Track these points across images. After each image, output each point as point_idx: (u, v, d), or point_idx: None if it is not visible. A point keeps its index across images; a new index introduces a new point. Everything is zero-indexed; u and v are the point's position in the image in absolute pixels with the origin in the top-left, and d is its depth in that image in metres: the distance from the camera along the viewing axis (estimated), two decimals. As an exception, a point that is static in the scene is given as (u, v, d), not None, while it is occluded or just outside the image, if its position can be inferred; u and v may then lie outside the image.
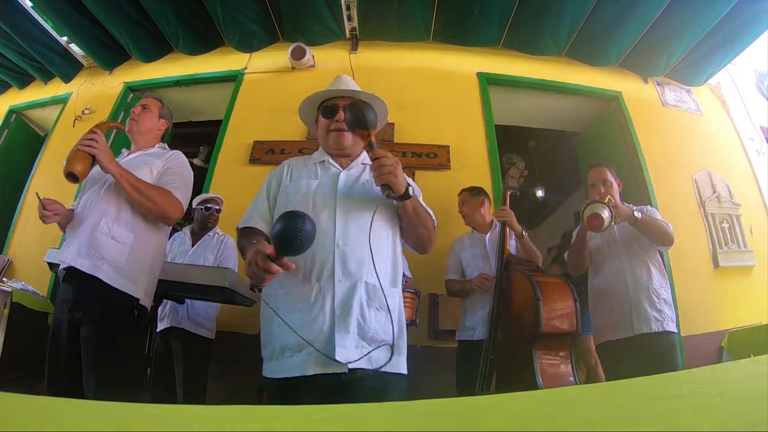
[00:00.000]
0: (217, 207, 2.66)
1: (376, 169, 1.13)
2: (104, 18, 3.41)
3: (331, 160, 1.37)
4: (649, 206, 2.22)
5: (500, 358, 1.89)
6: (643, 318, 2.01)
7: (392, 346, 1.16)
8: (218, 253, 2.51)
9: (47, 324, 2.91)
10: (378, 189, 1.19)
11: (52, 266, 2.21)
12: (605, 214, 1.96)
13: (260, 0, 3.26)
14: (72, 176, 1.51)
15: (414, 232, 1.28)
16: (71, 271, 1.52)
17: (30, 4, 3.47)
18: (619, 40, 3.41)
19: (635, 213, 2.06)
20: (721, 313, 3.00)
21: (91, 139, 1.51)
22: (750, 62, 4.09)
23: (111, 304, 1.50)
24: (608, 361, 2.17)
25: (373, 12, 3.40)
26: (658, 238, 2.09)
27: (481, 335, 2.13)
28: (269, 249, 0.97)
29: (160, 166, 1.71)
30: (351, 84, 1.45)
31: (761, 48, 3.52)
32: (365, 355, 1.10)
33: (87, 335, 1.48)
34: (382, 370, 1.12)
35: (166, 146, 1.89)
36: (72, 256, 1.52)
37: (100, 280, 1.48)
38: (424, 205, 1.31)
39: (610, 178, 2.23)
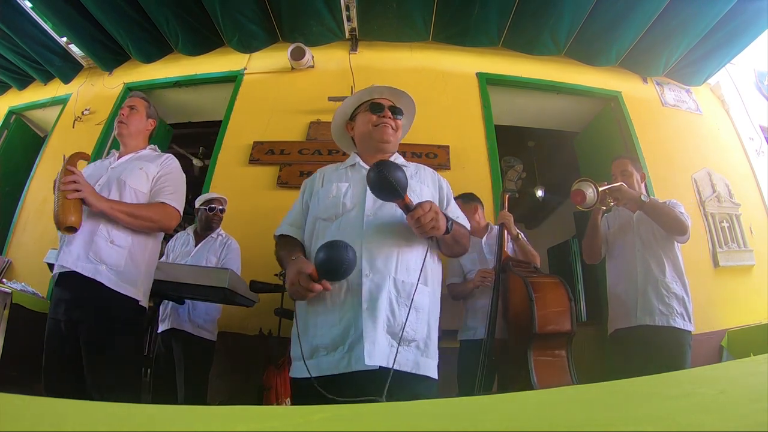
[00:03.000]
0: (221, 207, 2.66)
1: (418, 227, 1.13)
2: (104, 19, 3.41)
3: (361, 163, 1.41)
4: (674, 200, 2.18)
5: (501, 359, 1.89)
6: (647, 309, 2.03)
7: (421, 347, 1.17)
8: (221, 255, 2.50)
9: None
10: (410, 188, 1.21)
11: (52, 267, 2.21)
12: (589, 191, 2.00)
13: (260, 0, 3.26)
14: (70, 229, 1.48)
15: (451, 251, 1.33)
16: (69, 274, 1.53)
17: (30, 4, 3.47)
18: (619, 39, 3.41)
19: (642, 197, 2.06)
20: (721, 312, 3.00)
21: (73, 182, 1.49)
22: (749, 62, 4.10)
23: (112, 307, 1.53)
24: (618, 348, 2.16)
25: (373, 12, 3.40)
26: (667, 223, 2.07)
27: (483, 334, 2.14)
28: (310, 269, 1.06)
29: (155, 171, 1.74)
30: (394, 89, 1.50)
31: (761, 48, 3.52)
32: (396, 354, 1.09)
33: (88, 337, 1.50)
34: (411, 371, 1.12)
35: (157, 148, 1.92)
36: (72, 259, 1.53)
37: (101, 283, 1.51)
38: (460, 220, 1.34)
39: (630, 168, 2.26)
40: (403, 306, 1.15)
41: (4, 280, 2.94)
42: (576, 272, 5.40)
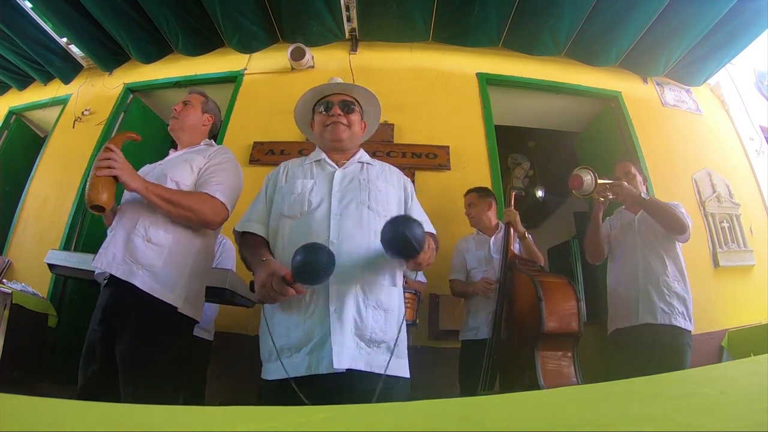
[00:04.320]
0: None
1: (413, 269, 1.12)
2: (104, 19, 3.41)
3: (327, 159, 1.38)
4: (675, 201, 2.20)
5: (503, 358, 1.89)
6: (649, 308, 2.03)
7: (391, 348, 1.14)
8: (216, 255, 2.50)
9: (47, 325, 2.92)
10: (376, 187, 1.20)
11: (52, 268, 2.21)
12: (587, 177, 2.03)
13: (260, 1, 3.26)
14: (98, 208, 1.34)
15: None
16: (109, 278, 1.42)
17: (30, 5, 3.47)
18: (619, 40, 3.41)
19: (642, 194, 2.07)
20: (721, 312, 3.00)
21: (108, 158, 1.35)
22: (749, 62, 4.10)
23: (147, 313, 1.37)
24: (618, 348, 2.17)
25: (373, 12, 3.40)
26: (667, 222, 2.09)
27: (484, 335, 2.13)
28: (283, 271, 1.01)
29: (202, 162, 1.58)
30: (343, 84, 1.47)
31: (761, 48, 3.52)
32: (363, 356, 1.08)
33: (121, 348, 1.35)
34: (382, 372, 1.09)
35: (213, 142, 1.80)
36: (107, 261, 1.40)
37: (136, 286, 1.36)
38: (426, 226, 1.26)
39: (633, 170, 2.30)
40: (370, 308, 1.13)
41: (4, 280, 2.94)
42: (576, 272, 5.40)
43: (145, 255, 1.40)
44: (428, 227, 1.29)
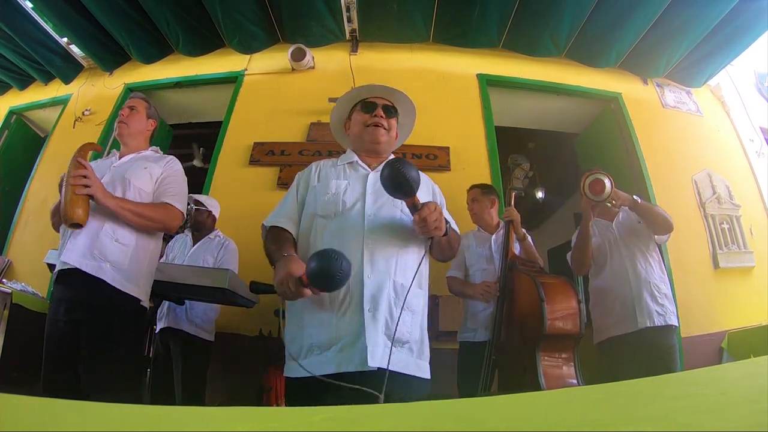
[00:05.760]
0: (197, 207, 2.62)
1: (422, 226, 1.13)
2: (104, 19, 3.42)
3: (360, 162, 1.39)
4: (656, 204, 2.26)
5: (503, 359, 1.89)
6: (646, 312, 2.03)
7: (415, 349, 1.17)
8: (218, 255, 2.50)
9: (47, 325, 2.92)
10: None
11: (52, 267, 2.21)
12: (607, 181, 2.00)
13: (260, 1, 3.27)
14: (76, 225, 1.48)
15: (443, 254, 1.33)
16: (71, 271, 1.52)
17: (30, 5, 3.48)
18: (619, 41, 3.41)
19: (634, 197, 2.10)
20: (721, 314, 3.00)
21: (83, 176, 1.48)
22: (750, 63, 4.10)
23: (114, 305, 1.52)
24: (611, 357, 2.16)
25: (373, 13, 3.40)
26: (657, 222, 2.14)
27: (482, 337, 2.13)
28: (300, 272, 1.03)
29: (158, 172, 1.75)
30: (388, 88, 1.47)
31: (761, 49, 3.53)
32: (392, 355, 1.08)
33: (89, 336, 1.48)
34: (407, 372, 1.12)
35: (159, 149, 1.93)
36: (75, 256, 1.53)
37: (104, 281, 1.51)
38: (454, 227, 1.34)
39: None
40: (399, 308, 1.15)
41: (4, 280, 2.94)
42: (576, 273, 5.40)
43: (114, 253, 1.55)
44: (455, 227, 1.36)
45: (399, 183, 1.08)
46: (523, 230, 2.29)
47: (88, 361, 1.47)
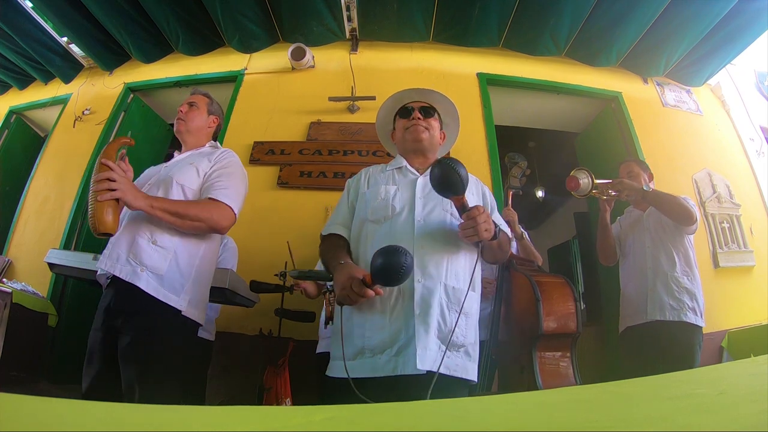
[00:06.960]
0: None
1: (472, 228, 1.12)
2: (104, 19, 3.41)
3: (409, 167, 1.41)
4: (686, 196, 2.19)
5: (501, 359, 1.89)
6: (657, 305, 2.02)
7: (469, 352, 1.19)
8: (219, 255, 2.50)
9: (47, 325, 2.92)
10: None
11: (52, 267, 2.21)
12: (583, 179, 2.06)
13: (260, 1, 3.26)
14: (105, 234, 1.30)
15: (494, 257, 1.34)
16: (112, 279, 1.42)
17: (30, 4, 3.47)
18: (619, 40, 3.41)
19: (644, 187, 2.08)
20: (721, 313, 3.00)
21: (107, 179, 1.29)
22: (750, 62, 4.09)
23: (150, 315, 1.36)
24: (627, 348, 2.16)
25: (373, 12, 3.40)
26: (672, 211, 2.09)
27: (481, 336, 2.13)
28: (362, 274, 1.06)
29: (207, 166, 1.57)
30: (422, 90, 1.51)
31: (761, 48, 3.52)
32: (444, 359, 1.09)
33: (124, 349, 1.34)
34: (458, 375, 1.13)
35: (218, 144, 1.79)
36: (111, 261, 1.39)
37: (140, 288, 1.35)
38: (505, 230, 1.36)
39: (636, 169, 2.31)
40: (453, 312, 1.16)
41: (4, 279, 2.94)
42: (576, 273, 5.40)
43: (151, 257, 1.38)
44: (506, 230, 1.38)
45: (447, 179, 1.08)
46: (521, 229, 2.29)
47: (125, 376, 1.32)
